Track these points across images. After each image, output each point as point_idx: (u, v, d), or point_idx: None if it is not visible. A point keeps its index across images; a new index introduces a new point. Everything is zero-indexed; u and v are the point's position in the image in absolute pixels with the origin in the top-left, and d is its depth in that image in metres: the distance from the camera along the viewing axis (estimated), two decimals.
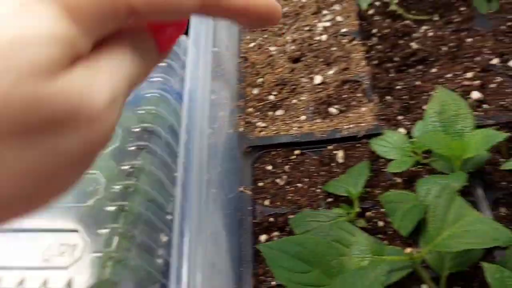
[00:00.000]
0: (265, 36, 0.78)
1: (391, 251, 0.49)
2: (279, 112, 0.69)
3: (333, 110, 0.68)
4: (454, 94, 0.57)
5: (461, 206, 0.47)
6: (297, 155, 0.65)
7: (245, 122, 0.68)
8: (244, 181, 0.63)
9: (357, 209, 0.56)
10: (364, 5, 0.74)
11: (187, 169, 0.45)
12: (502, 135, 0.50)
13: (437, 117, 0.56)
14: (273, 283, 0.53)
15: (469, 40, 0.73)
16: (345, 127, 0.65)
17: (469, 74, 0.68)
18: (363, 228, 0.56)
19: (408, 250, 0.48)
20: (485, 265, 0.43)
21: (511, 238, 0.43)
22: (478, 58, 0.70)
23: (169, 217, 0.52)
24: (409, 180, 0.59)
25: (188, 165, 0.45)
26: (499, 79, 0.67)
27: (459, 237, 0.45)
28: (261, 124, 0.68)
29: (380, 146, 0.62)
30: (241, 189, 0.62)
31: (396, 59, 0.73)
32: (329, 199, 0.60)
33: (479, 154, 0.53)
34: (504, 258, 0.48)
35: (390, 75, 0.71)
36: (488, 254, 0.52)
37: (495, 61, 0.69)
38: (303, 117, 0.67)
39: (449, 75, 0.69)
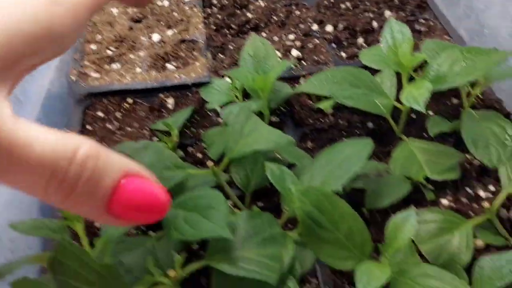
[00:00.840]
0: None
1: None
2: (115, 66, 0.71)
3: (169, 66, 0.72)
4: (265, 40, 0.63)
5: (255, 122, 0.52)
6: (129, 103, 0.67)
7: (80, 73, 0.69)
8: (72, 125, 0.63)
9: (175, 139, 0.59)
10: None
11: None
12: (289, 63, 0.57)
13: (250, 59, 0.62)
14: None
15: (297, 12, 0.81)
16: (177, 76, 0.68)
17: (292, 37, 0.75)
18: (181, 158, 0.59)
19: (211, 164, 0.52)
20: (267, 164, 0.48)
21: (289, 141, 0.49)
22: (301, 26, 0.78)
23: None
24: None
25: None
26: (316, 41, 0.75)
27: (251, 144, 0.49)
28: (96, 75, 0.69)
29: (207, 92, 0.67)
30: (66, 130, 0.62)
31: (233, 25, 0.79)
32: (155, 138, 0.63)
33: (280, 89, 0.60)
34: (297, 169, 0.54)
35: (226, 38, 0.77)
36: None
37: (315, 27, 0.77)
38: (138, 70, 0.70)
39: (276, 38, 0.76)
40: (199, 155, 0.60)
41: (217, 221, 0.40)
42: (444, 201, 0.54)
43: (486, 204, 0.49)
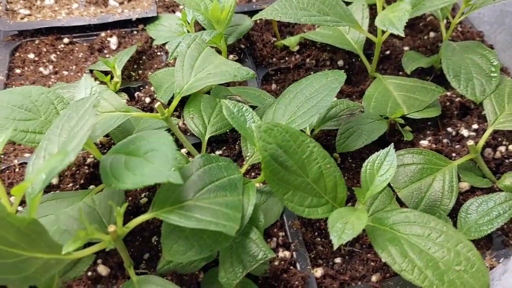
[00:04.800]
0: None
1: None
2: (48, 1, 0.61)
3: (112, 1, 0.62)
4: None
5: (209, 53, 0.45)
6: (65, 43, 0.58)
7: (6, 9, 0.59)
8: None
9: (118, 80, 0.51)
10: None
11: None
12: None
13: None
14: None
15: None
16: (119, 11, 0.59)
17: None
18: (126, 102, 0.51)
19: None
20: (223, 101, 0.41)
21: (248, 73, 0.42)
22: None
23: None
24: None
25: None
26: None
27: (204, 79, 0.42)
28: (25, 12, 0.59)
29: (155, 30, 0.59)
30: None
31: None
32: (96, 82, 0.54)
33: (239, 22, 0.53)
34: (259, 111, 0.47)
35: None
36: None
37: None
38: (75, 6, 0.61)
39: None
40: (147, 100, 0.52)
41: (162, 164, 0.33)
42: (424, 142, 0.48)
43: (470, 143, 0.44)
